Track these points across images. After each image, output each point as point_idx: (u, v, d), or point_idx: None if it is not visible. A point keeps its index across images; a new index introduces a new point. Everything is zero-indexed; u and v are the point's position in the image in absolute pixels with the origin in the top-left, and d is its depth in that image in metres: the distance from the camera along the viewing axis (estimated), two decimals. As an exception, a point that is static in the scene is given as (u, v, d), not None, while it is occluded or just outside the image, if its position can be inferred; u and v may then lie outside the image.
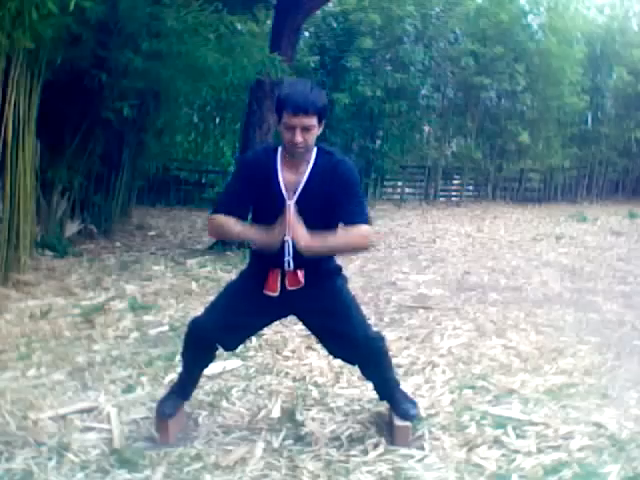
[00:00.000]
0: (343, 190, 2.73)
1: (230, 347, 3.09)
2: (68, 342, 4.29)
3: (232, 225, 2.74)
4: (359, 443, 2.99)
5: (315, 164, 2.75)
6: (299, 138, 2.63)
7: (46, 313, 4.88)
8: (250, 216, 2.85)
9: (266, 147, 2.94)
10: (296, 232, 2.65)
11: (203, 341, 2.92)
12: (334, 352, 3.09)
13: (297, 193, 2.72)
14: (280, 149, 2.78)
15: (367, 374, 3.15)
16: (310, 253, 2.67)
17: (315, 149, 2.77)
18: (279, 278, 2.82)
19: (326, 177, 2.73)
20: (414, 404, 3.11)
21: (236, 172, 2.92)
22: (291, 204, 2.69)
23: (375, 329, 3.13)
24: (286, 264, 2.77)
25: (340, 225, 2.75)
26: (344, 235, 2.71)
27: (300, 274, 2.81)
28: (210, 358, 3.08)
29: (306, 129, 2.63)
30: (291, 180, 2.74)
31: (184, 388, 3.12)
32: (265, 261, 2.83)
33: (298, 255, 2.72)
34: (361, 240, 2.72)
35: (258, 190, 2.76)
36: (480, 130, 15.87)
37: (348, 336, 2.88)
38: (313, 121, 2.64)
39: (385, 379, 3.12)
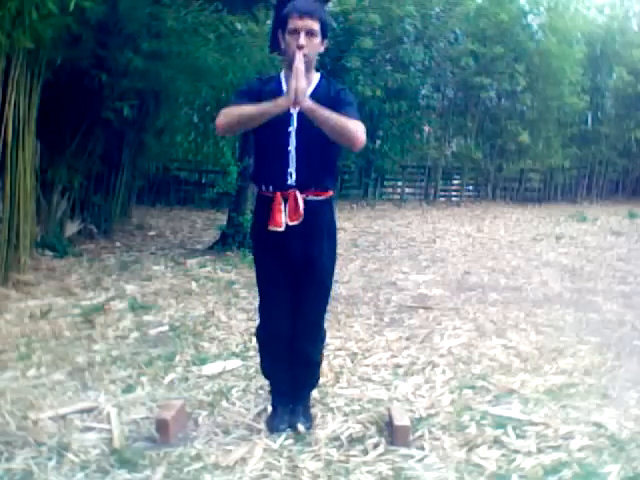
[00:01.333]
0: (342, 105, 2.81)
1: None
2: (68, 342, 4.29)
3: (242, 107, 2.76)
4: (359, 443, 2.99)
5: (318, 85, 2.90)
6: (303, 40, 2.75)
7: (46, 313, 4.88)
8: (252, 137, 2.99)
9: (270, 75, 3.14)
10: (299, 85, 2.64)
11: (280, 343, 3.00)
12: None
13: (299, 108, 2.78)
14: (283, 71, 2.93)
15: (295, 372, 3.11)
16: (308, 111, 2.68)
17: (318, 74, 2.93)
18: (283, 208, 2.83)
19: (326, 99, 2.81)
20: (308, 423, 3.09)
21: (243, 87, 3.05)
22: (295, 113, 2.78)
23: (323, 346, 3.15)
24: (288, 177, 2.82)
25: None
26: (341, 116, 2.72)
27: (301, 201, 2.82)
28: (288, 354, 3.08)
29: (310, 33, 2.77)
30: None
31: (282, 394, 3.14)
32: (268, 179, 2.88)
33: (301, 168, 2.81)
34: (354, 129, 2.73)
35: (264, 101, 2.77)
36: (480, 130, 15.87)
37: (301, 312, 2.97)
38: (316, 26, 2.79)
39: (305, 385, 3.17)
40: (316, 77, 2.92)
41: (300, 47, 2.74)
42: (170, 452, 2.83)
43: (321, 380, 3.63)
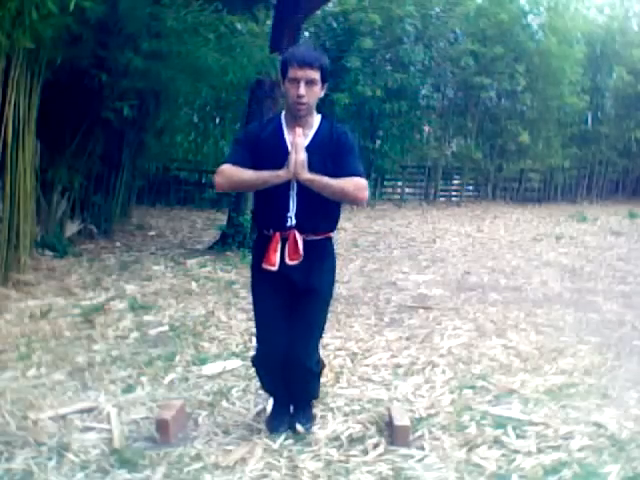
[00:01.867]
0: (343, 153, 2.85)
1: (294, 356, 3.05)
2: (68, 342, 4.29)
3: (243, 172, 2.78)
4: (359, 443, 2.99)
5: (318, 129, 2.88)
6: (303, 91, 2.75)
7: (46, 313, 4.88)
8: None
9: (270, 117, 3.11)
10: (298, 158, 2.69)
11: (277, 365, 2.97)
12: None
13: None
14: (283, 113, 2.91)
15: (295, 385, 3.10)
16: (307, 182, 2.72)
17: (319, 116, 2.91)
18: (279, 249, 2.83)
19: (327, 143, 2.84)
20: (308, 424, 3.10)
21: (242, 136, 3.05)
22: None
23: (317, 365, 3.09)
24: (288, 220, 2.82)
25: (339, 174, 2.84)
26: (340, 180, 2.76)
27: (300, 241, 2.81)
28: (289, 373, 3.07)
29: (310, 82, 2.76)
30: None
31: (282, 402, 3.15)
32: (268, 222, 2.89)
33: (301, 212, 2.82)
34: (356, 188, 2.76)
35: (263, 152, 2.82)
36: (480, 130, 15.87)
37: (291, 350, 2.92)
38: (317, 75, 2.78)
39: (304, 398, 3.16)
40: (317, 120, 2.89)
41: (300, 97, 2.75)
42: (170, 452, 2.83)
43: (321, 380, 3.64)
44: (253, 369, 3.19)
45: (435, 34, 14.56)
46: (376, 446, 2.95)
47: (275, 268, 2.83)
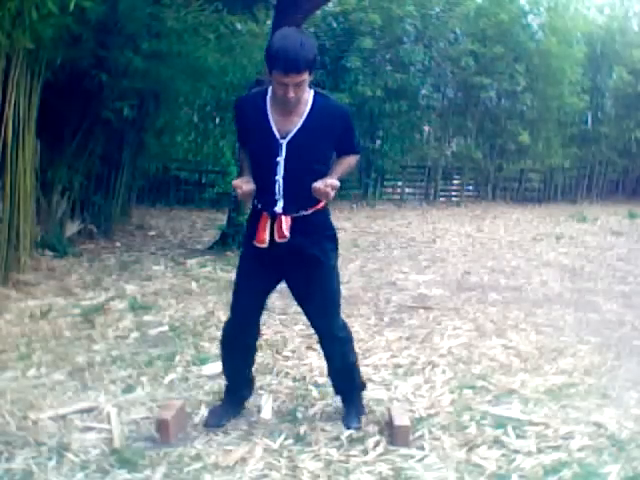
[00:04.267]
0: (344, 134, 2.90)
1: (256, 333, 3.17)
2: (68, 342, 4.29)
3: (243, 167, 2.98)
4: (359, 443, 2.99)
5: (312, 107, 2.81)
6: (291, 94, 2.69)
7: (46, 313, 4.88)
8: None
9: (256, 92, 3.02)
10: (330, 186, 2.78)
11: (243, 344, 3.07)
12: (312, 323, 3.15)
13: (292, 133, 2.79)
14: (269, 94, 2.83)
15: (330, 367, 3.19)
16: (336, 186, 2.81)
17: (312, 92, 2.83)
18: (268, 227, 2.85)
19: (323, 120, 2.81)
20: (358, 418, 3.14)
21: (235, 122, 3.08)
22: (284, 143, 2.78)
23: (343, 330, 3.11)
24: (276, 202, 2.83)
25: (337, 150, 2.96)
26: (346, 165, 2.98)
27: (286, 224, 2.83)
28: (252, 355, 3.19)
29: (298, 84, 2.67)
30: (285, 121, 2.80)
31: (235, 394, 3.20)
32: (259, 201, 2.91)
33: (288, 196, 2.82)
34: (352, 164, 3.05)
35: (252, 130, 2.86)
36: (480, 130, 15.86)
37: (314, 323, 3.06)
38: (305, 76, 2.67)
39: (345, 378, 3.19)
40: (310, 97, 2.82)
41: (289, 98, 2.70)
42: (170, 452, 2.83)
43: (321, 380, 3.64)
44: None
45: (435, 34, 14.55)
46: (376, 446, 2.95)
47: (265, 245, 2.85)
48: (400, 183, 15.74)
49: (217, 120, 13.79)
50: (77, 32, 6.01)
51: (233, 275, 4.74)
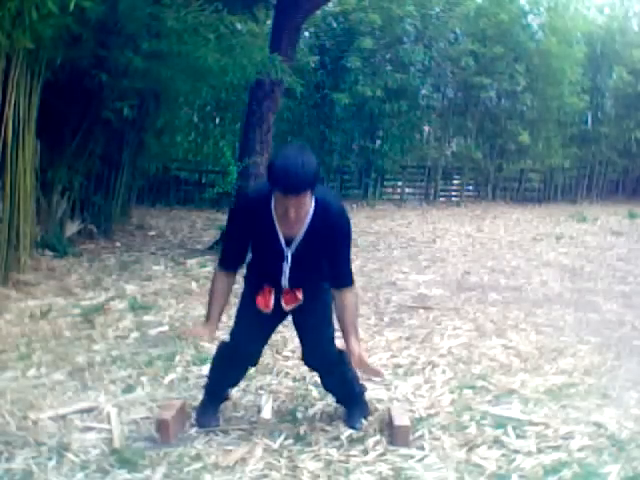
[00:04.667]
0: (337, 242, 2.87)
1: (255, 362, 3.22)
2: (68, 342, 4.29)
3: (212, 301, 2.98)
4: (359, 443, 2.99)
5: (313, 218, 2.79)
6: (293, 214, 2.68)
7: (46, 313, 4.87)
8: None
9: (259, 192, 2.88)
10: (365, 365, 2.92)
11: (239, 360, 3.10)
12: (304, 357, 3.20)
13: (295, 244, 2.83)
14: (273, 200, 2.76)
15: (323, 381, 3.26)
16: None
17: (312, 202, 2.77)
18: (272, 298, 2.94)
19: (324, 228, 2.80)
20: (362, 418, 3.18)
21: (233, 220, 3.07)
22: (289, 252, 2.84)
23: (337, 348, 3.15)
24: (281, 284, 2.91)
25: (331, 276, 2.94)
26: (352, 312, 2.96)
27: (299, 293, 2.95)
28: (242, 376, 3.26)
29: (298, 204, 2.67)
30: (288, 231, 2.82)
31: (217, 398, 3.22)
32: (260, 279, 2.97)
33: (294, 277, 2.88)
34: (356, 302, 3.03)
35: (256, 233, 2.87)
36: (480, 130, 15.85)
37: (310, 343, 3.09)
38: (306, 196, 2.67)
39: (344, 392, 3.24)
40: (311, 207, 2.78)
41: (290, 217, 2.70)
42: (170, 452, 2.83)
43: (320, 380, 3.63)
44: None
45: (435, 34, 14.54)
46: (376, 446, 2.95)
47: (269, 311, 2.94)
48: (400, 183, 15.73)
49: (217, 120, 13.80)
50: (77, 32, 6.00)
51: (233, 275, 4.68)
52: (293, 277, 2.90)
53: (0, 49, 5.20)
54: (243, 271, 3.08)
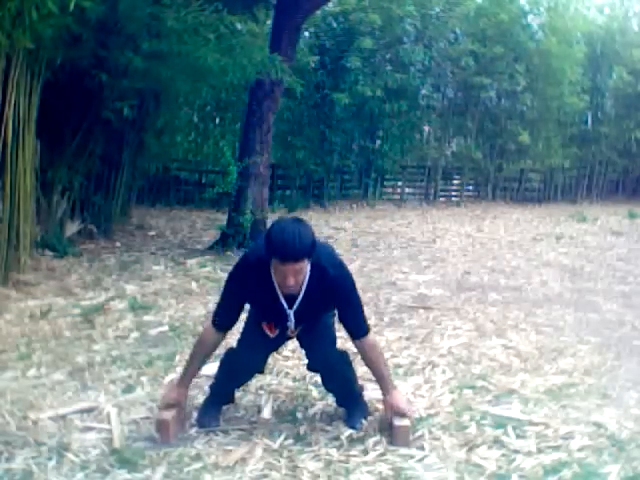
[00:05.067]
0: (344, 301, 2.97)
1: (261, 370, 3.29)
2: (68, 342, 4.29)
3: (194, 357, 3.02)
4: (359, 443, 2.99)
5: (310, 282, 2.86)
6: (291, 282, 2.75)
7: (46, 313, 4.88)
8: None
9: (259, 257, 2.86)
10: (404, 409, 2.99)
11: (246, 371, 3.16)
12: (309, 364, 3.26)
13: (296, 305, 2.89)
14: (273, 267, 2.80)
15: (325, 383, 3.28)
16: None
17: (308, 266, 2.81)
18: (277, 330, 3.04)
19: (323, 290, 2.87)
20: (362, 419, 3.19)
21: (232, 282, 3.00)
22: (291, 313, 2.92)
23: (338, 350, 3.21)
24: (289, 324, 2.98)
25: (348, 329, 3.04)
26: (380, 363, 3.06)
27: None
28: (248, 380, 3.34)
29: (297, 272, 2.74)
30: (288, 291, 2.87)
31: (220, 399, 3.26)
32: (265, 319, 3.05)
33: (299, 319, 2.96)
34: (380, 348, 3.18)
35: (257, 296, 2.95)
36: (480, 130, 15.87)
37: (312, 349, 3.15)
38: (303, 264, 2.74)
39: (341, 392, 3.26)
40: (307, 271, 2.82)
41: (287, 287, 2.77)
42: (170, 452, 2.83)
43: (320, 380, 3.63)
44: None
45: (435, 34, 14.56)
46: (376, 446, 2.95)
47: (274, 336, 3.03)
48: (400, 183, 15.75)
49: (217, 120, 13.81)
50: (77, 32, 6.01)
51: (233, 275, 4.64)
52: (297, 325, 3.01)
53: (0, 49, 5.20)
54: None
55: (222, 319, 3.00)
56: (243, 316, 3.10)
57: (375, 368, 3.03)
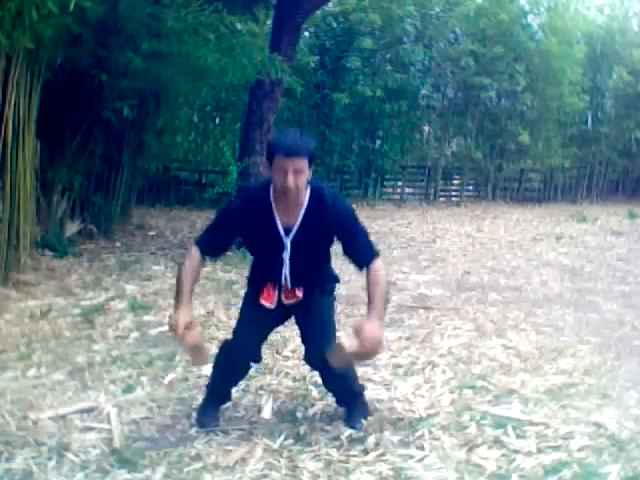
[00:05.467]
0: (345, 230, 2.92)
1: (256, 358, 3.21)
2: (68, 342, 4.29)
3: (185, 278, 3.10)
4: (359, 443, 2.99)
5: (308, 206, 2.88)
6: (291, 180, 2.74)
7: (46, 313, 4.87)
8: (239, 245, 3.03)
9: (259, 186, 2.98)
10: (372, 343, 2.74)
11: (242, 359, 3.10)
12: (306, 355, 3.19)
13: (293, 232, 2.88)
14: (272, 190, 2.88)
15: (325, 382, 3.25)
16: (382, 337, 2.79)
17: (308, 190, 2.88)
18: (276, 292, 2.99)
19: (321, 217, 2.86)
20: (362, 419, 3.18)
21: (229, 210, 3.05)
22: (288, 241, 2.90)
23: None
24: (283, 278, 2.95)
25: (353, 260, 2.97)
26: (378, 288, 2.84)
27: (299, 291, 3.00)
28: (244, 373, 3.25)
29: (297, 171, 2.75)
30: (287, 216, 2.89)
31: (218, 398, 3.24)
32: (263, 276, 3.02)
33: (295, 272, 2.93)
34: (384, 275, 2.92)
35: (253, 228, 2.91)
36: (480, 130, 15.86)
37: (311, 342, 3.08)
38: (304, 163, 2.76)
39: (341, 391, 3.24)
40: (306, 196, 2.88)
41: (287, 187, 2.76)
42: (170, 452, 2.83)
43: (321, 380, 3.64)
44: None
45: (435, 34, 14.55)
46: (376, 446, 2.95)
47: (273, 306, 2.99)
48: (400, 183, 15.74)
49: (217, 120, 13.80)
50: (77, 32, 6.00)
51: (233, 275, 4.74)
52: (294, 272, 2.94)
53: (0, 49, 5.20)
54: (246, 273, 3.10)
55: (206, 241, 3.00)
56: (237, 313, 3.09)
57: (370, 292, 2.84)
